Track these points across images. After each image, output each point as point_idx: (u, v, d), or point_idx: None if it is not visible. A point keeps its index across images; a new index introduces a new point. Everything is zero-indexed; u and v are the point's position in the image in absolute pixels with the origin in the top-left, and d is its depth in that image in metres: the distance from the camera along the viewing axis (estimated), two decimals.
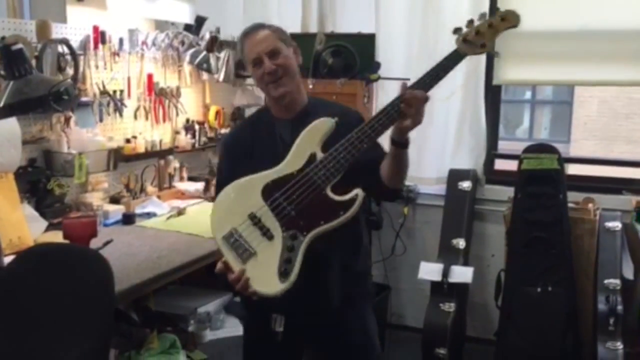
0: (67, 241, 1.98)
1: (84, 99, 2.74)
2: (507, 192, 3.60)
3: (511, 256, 3.40)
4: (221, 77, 3.40)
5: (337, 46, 3.69)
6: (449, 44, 1.95)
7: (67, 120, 2.73)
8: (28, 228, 2.33)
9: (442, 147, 3.86)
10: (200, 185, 3.36)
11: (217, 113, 3.70)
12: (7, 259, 2.16)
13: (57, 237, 2.41)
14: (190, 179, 3.50)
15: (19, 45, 1.80)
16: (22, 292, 1.64)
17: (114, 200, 2.98)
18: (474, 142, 3.80)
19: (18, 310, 1.63)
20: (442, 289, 3.51)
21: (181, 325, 2.87)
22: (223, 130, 3.73)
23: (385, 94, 3.95)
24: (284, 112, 1.94)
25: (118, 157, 2.92)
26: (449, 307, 3.48)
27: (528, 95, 12.25)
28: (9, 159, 2.31)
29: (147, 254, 2.33)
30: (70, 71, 2.65)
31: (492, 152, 3.85)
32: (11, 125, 2.31)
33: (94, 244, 2.17)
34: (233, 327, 2.98)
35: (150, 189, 3.18)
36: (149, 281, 2.10)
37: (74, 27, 2.78)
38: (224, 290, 3.18)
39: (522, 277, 3.31)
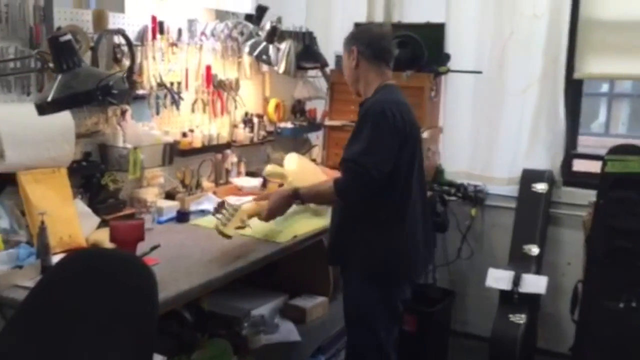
0: (113, 244, 1.88)
1: (140, 91, 2.65)
2: (587, 195, 3.33)
3: (590, 266, 3.12)
4: (281, 68, 3.26)
5: (403, 36, 3.48)
6: (526, 33, 1.74)
7: (123, 113, 2.65)
8: (79, 225, 2.26)
9: (515, 145, 3.61)
10: (257, 182, 3.23)
11: (277, 106, 3.57)
12: (57, 258, 2.10)
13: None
14: (248, 174, 3.39)
15: (67, 37, 1.70)
16: (63, 297, 1.55)
17: (169, 196, 2.89)
18: (550, 140, 3.53)
19: (57, 315, 1.54)
20: (511, 299, 3.27)
21: (234, 328, 2.77)
22: (282, 124, 3.60)
23: (454, 88, 3.72)
24: None
25: (174, 152, 2.83)
26: (519, 318, 3.24)
27: (604, 88, 11.58)
28: (62, 153, 2.24)
29: (199, 257, 2.22)
30: (126, 63, 2.56)
31: (570, 152, 3.57)
32: (65, 119, 2.24)
33: (143, 246, 2.08)
34: (288, 332, 2.85)
35: (206, 184, 3.08)
36: (199, 288, 1.98)
37: (132, 17, 2.69)
38: (281, 292, 3.08)
39: (602, 290, 3.04)
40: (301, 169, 2.91)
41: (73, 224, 2.24)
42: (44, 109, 1.72)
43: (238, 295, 2.85)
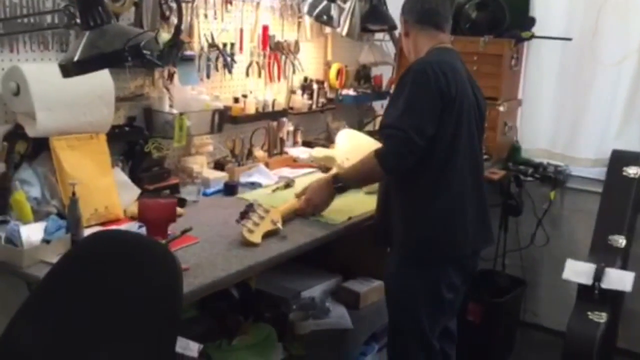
0: (141, 224, 1.71)
1: (188, 52, 2.44)
2: None
3: None
4: (345, 30, 2.97)
5: None
6: None
7: (171, 76, 2.47)
8: (118, 196, 2.10)
9: (605, 123, 3.22)
10: (311, 150, 3.00)
11: (339, 72, 3.30)
12: (90, 231, 1.95)
13: None
14: (305, 144, 3.16)
15: None
16: (81, 281, 1.38)
17: (218, 165, 2.70)
18: None
19: (74, 299, 1.38)
20: (592, 295, 2.92)
21: (282, 309, 2.59)
22: (344, 91, 3.33)
23: (538, 56, 3.34)
24: None
25: (224, 118, 2.62)
26: (600, 317, 2.89)
27: None
28: (100, 118, 2.07)
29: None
30: (175, 21, 2.35)
31: None
32: (103, 80, 2.07)
33: (182, 225, 1.89)
34: (339, 318, 2.64)
35: (259, 153, 2.88)
36: (236, 275, 1.78)
37: None
38: (334, 273, 2.87)
39: None
40: (354, 149, 2.66)
41: (110, 194, 2.08)
42: (68, 70, 1.54)
43: (288, 274, 2.65)
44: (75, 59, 1.53)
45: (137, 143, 2.33)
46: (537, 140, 3.42)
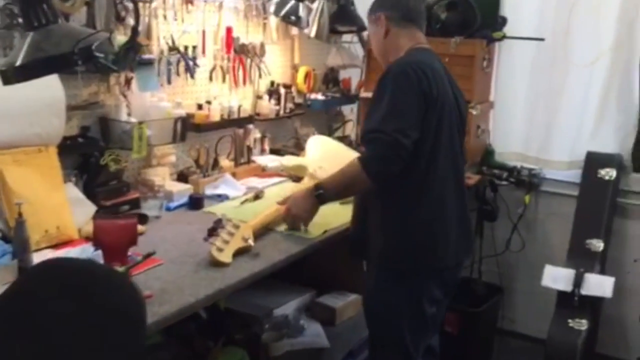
0: (97, 248, 1.53)
1: (146, 56, 2.26)
2: None
3: None
4: (313, 32, 2.83)
5: None
6: None
7: (128, 81, 2.28)
8: (71, 214, 1.91)
9: (578, 124, 3.15)
10: (281, 159, 2.85)
11: (307, 75, 3.16)
12: (41, 255, 1.75)
13: None
14: (273, 151, 3.00)
15: None
16: (26, 319, 1.19)
17: (182, 177, 2.53)
18: (621, 119, 3.07)
19: (20, 339, 1.19)
20: (571, 301, 2.85)
21: (253, 329, 2.43)
22: (313, 96, 3.19)
23: (510, 57, 3.26)
24: None
25: (187, 127, 2.45)
26: (580, 324, 2.82)
27: None
28: (49, 129, 1.88)
29: None
30: (131, 22, 2.17)
31: None
32: (52, 87, 1.88)
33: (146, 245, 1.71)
34: (315, 336, 2.50)
35: (225, 163, 2.71)
36: (206, 299, 1.62)
37: None
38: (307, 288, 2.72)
39: None
40: (326, 156, 2.52)
41: (63, 213, 1.89)
42: (10, 76, 1.36)
43: (258, 290, 2.46)
44: (18, 63, 1.35)
45: (91, 155, 2.14)
46: (510, 143, 3.34)
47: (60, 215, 1.87)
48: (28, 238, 1.65)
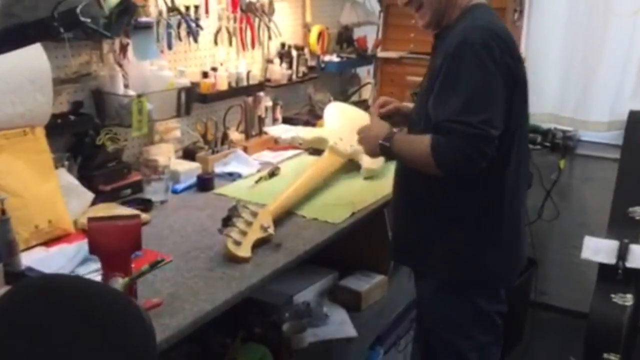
0: (94, 257, 1.29)
1: (143, 19, 1.98)
2: None
3: None
4: None
5: None
6: None
7: (124, 48, 2.01)
8: (64, 205, 1.67)
9: (619, 81, 2.89)
10: (298, 130, 2.59)
11: (320, 35, 2.87)
12: (31, 254, 1.53)
13: (108, 214, 1.75)
14: (286, 120, 2.74)
15: None
16: (10, 349, 0.96)
17: (188, 154, 2.28)
18: None
19: None
20: (615, 275, 2.62)
21: (272, 319, 2.21)
22: (327, 57, 2.91)
23: (543, 8, 2.96)
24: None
25: (192, 97, 2.19)
26: (625, 299, 2.60)
27: None
28: (34, 107, 1.62)
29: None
30: None
31: None
32: (35, 58, 1.61)
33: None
34: (340, 324, 2.28)
35: (234, 136, 2.45)
36: (225, 305, 1.39)
37: None
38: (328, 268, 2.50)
39: None
40: (346, 125, 2.29)
41: (55, 204, 1.65)
42: None
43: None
44: None
45: (86, 135, 1.89)
46: (542, 103, 3.07)
47: (52, 207, 1.63)
48: (14, 238, 1.42)
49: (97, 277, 1.26)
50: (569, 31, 2.95)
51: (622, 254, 2.62)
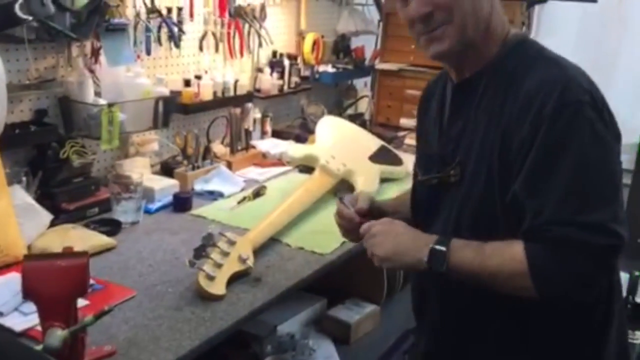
0: (27, 306, 1.09)
1: (117, 20, 1.80)
2: None
3: None
4: None
5: None
6: None
7: (96, 52, 1.82)
8: (17, 228, 1.48)
9: (632, 101, 2.74)
10: (288, 146, 2.41)
11: (315, 43, 2.69)
12: None
13: (66, 237, 1.56)
14: (276, 134, 2.56)
15: None
16: None
17: (166, 169, 2.09)
18: None
19: None
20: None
21: (254, 349, 2.02)
22: (322, 68, 2.73)
23: (553, 23, 2.79)
24: (453, 71, 1.19)
25: (172, 108, 2.00)
26: (634, 337, 2.43)
27: None
28: None
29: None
30: None
31: None
32: None
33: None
34: (327, 358, 2.09)
35: (218, 149, 2.26)
36: (189, 355, 1.19)
37: None
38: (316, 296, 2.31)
39: None
40: (339, 142, 2.09)
41: (6, 227, 1.45)
42: None
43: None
44: None
45: (49, 147, 1.69)
46: None
47: (2, 230, 1.44)
48: None
49: None
50: (578, 47, 2.80)
51: (632, 287, 2.46)
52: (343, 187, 2.08)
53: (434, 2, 1.07)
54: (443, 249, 1.07)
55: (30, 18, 0.96)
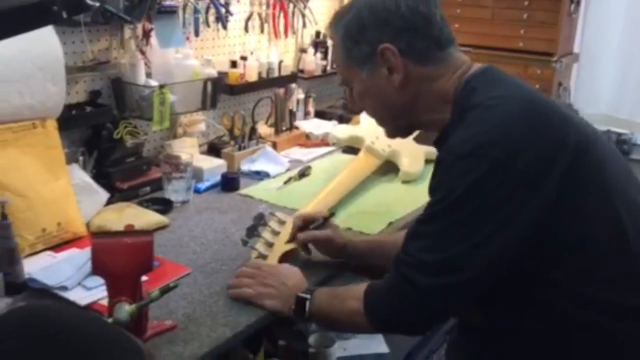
0: (90, 281, 1.13)
1: (167, 2, 1.82)
2: None
3: None
4: None
5: None
6: None
7: (147, 34, 1.85)
8: (76, 206, 1.53)
9: None
10: (332, 127, 2.42)
11: None
12: (37, 260, 1.39)
13: (122, 215, 1.61)
14: (319, 114, 2.57)
15: None
16: None
17: (213, 149, 2.12)
18: None
19: None
20: None
21: (299, 328, 2.06)
22: None
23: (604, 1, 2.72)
24: None
25: (219, 89, 2.03)
26: None
27: None
28: (44, 97, 1.47)
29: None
30: None
31: None
32: (46, 44, 1.46)
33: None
34: (371, 338, 2.11)
35: (263, 130, 2.29)
36: (247, 330, 1.22)
37: None
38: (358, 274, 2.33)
39: None
40: None
41: (66, 205, 1.51)
42: None
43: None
44: None
45: (103, 127, 1.74)
46: (596, 103, 2.86)
47: (62, 208, 1.49)
48: (16, 245, 1.28)
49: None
50: (629, 27, 2.74)
51: None
52: (388, 167, 2.08)
53: (352, 102, 1.23)
54: (307, 297, 1.21)
55: (98, 4, 0.98)
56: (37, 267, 1.34)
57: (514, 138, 0.99)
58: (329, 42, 2.55)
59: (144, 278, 1.28)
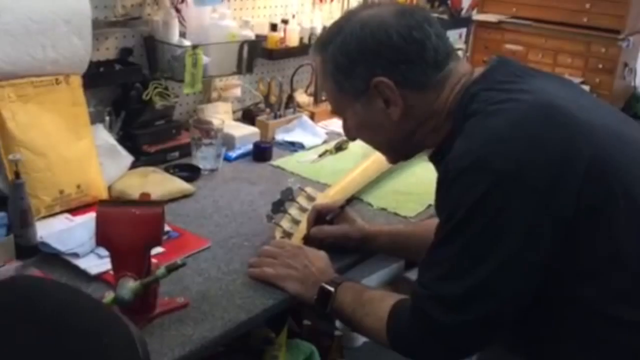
0: (104, 249, 1.06)
1: None
2: None
3: None
4: None
5: None
6: None
7: None
8: (98, 168, 1.46)
9: None
10: None
11: None
12: (52, 223, 1.33)
13: (146, 181, 1.54)
14: None
15: None
16: None
17: (247, 116, 2.03)
18: None
19: None
20: None
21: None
22: None
23: None
24: None
25: (256, 53, 1.92)
26: None
27: None
28: (69, 52, 1.40)
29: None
30: None
31: None
32: None
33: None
34: None
35: (302, 99, 2.18)
36: (263, 314, 1.14)
37: None
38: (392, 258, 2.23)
39: None
40: None
41: (87, 167, 1.44)
42: None
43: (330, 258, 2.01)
44: None
45: (132, 87, 1.66)
46: None
47: (83, 169, 1.42)
48: (29, 206, 1.21)
49: None
50: None
51: None
52: None
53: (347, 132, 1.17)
54: (330, 289, 1.13)
55: None
56: (51, 230, 1.29)
57: (517, 147, 0.88)
58: None
59: (160, 249, 1.21)
